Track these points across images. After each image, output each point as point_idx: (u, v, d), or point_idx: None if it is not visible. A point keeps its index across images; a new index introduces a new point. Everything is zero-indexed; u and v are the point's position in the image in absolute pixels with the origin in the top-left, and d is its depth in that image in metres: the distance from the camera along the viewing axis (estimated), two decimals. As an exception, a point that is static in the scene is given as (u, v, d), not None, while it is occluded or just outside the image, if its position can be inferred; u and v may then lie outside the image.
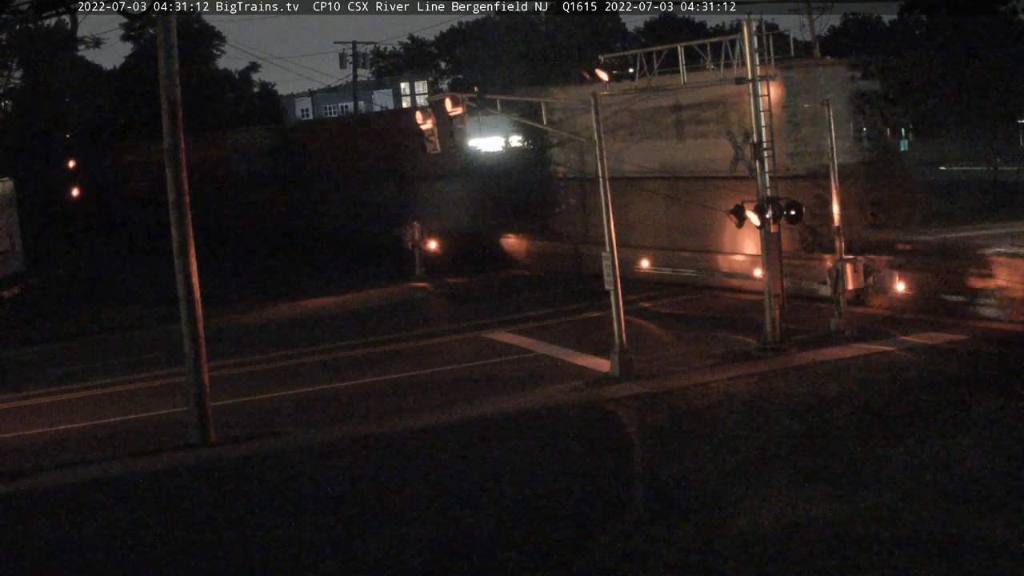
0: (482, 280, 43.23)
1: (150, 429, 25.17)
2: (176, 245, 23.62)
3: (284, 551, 17.23)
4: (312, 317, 38.58)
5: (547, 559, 16.14)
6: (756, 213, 26.82)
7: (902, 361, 25.46)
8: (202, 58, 79.56)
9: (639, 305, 34.25)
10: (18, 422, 26.79)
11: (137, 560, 17.42)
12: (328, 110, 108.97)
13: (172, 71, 23.41)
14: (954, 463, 18.46)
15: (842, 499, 17.19)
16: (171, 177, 23.54)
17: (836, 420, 21.33)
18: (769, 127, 27.62)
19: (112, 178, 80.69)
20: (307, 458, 21.85)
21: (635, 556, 15.84)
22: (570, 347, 29.78)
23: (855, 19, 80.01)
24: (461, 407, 24.63)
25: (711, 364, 26.64)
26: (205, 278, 24.70)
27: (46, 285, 48.44)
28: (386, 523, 17.96)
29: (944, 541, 15.49)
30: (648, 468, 19.74)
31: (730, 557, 15.55)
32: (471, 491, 19.18)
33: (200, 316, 23.84)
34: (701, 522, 16.84)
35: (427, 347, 31.84)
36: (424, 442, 22.25)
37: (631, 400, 24.07)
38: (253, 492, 20.28)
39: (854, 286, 28.50)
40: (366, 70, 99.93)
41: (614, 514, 17.57)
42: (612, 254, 26.14)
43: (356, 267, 48.65)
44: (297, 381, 28.85)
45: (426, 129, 29.23)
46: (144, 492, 20.63)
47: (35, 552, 18.08)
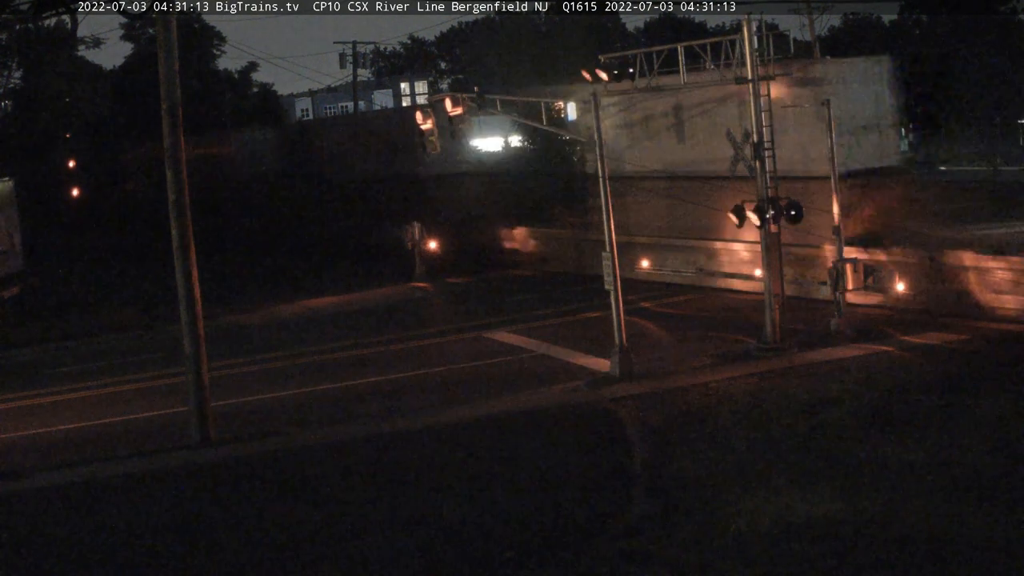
0: (483, 280, 43.21)
1: (150, 429, 25.17)
2: (176, 245, 23.63)
3: (284, 550, 17.23)
4: (312, 317, 38.58)
5: (547, 559, 16.15)
6: (756, 213, 26.84)
7: (902, 361, 25.46)
8: (202, 58, 79.50)
9: (639, 305, 34.25)
10: (18, 422, 26.79)
11: (137, 560, 17.42)
12: (328, 110, 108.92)
13: (172, 71, 23.41)
14: (954, 463, 18.46)
15: (842, 499, 17.20)
16: (171, 177, 23.55)
17: (836, 420, 21.33)
18: (770, 127, 27.63)
19: (112, 178, 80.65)
20: (307, 458, 21.84)
21: (635, 556, 15.85)
22: (570, 347, 29.77)
23: (855, 19, 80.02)
24: (461, 407, 24.63)
25: (711, 364, 26.64)
26: (205, 278, 24.71)
27: (46, 285, 48.41)
28: (386, 522, 17.97)
29: (944, 541, 15.49)
30: (648, 468, 19.74)
31: (729, 557, 15.55)
32: (471, 491, 19.18)
33: (200, 316, 23.85)
34: (701, 522, 16.84)
35: (427, 347, 31.84)
36: (424, 442, 22.25)
37: (631, 400, 24.07)
38: (253, 492, 20.29)
39: (854, 286, 28.49)
40: (366, 70, 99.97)
41: (614, 514, 17.58)
42: (612, 254, 26.14)
43: (356, 267, 48.64)
44: (297, 381, 28.85)
45: (426, 129, 29.27)
46: (144, 492, 20.63)
47: (35, 552, 18.08)
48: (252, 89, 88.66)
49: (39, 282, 46.75)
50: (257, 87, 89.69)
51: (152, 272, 46.66)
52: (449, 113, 28.47)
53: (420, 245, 44.90)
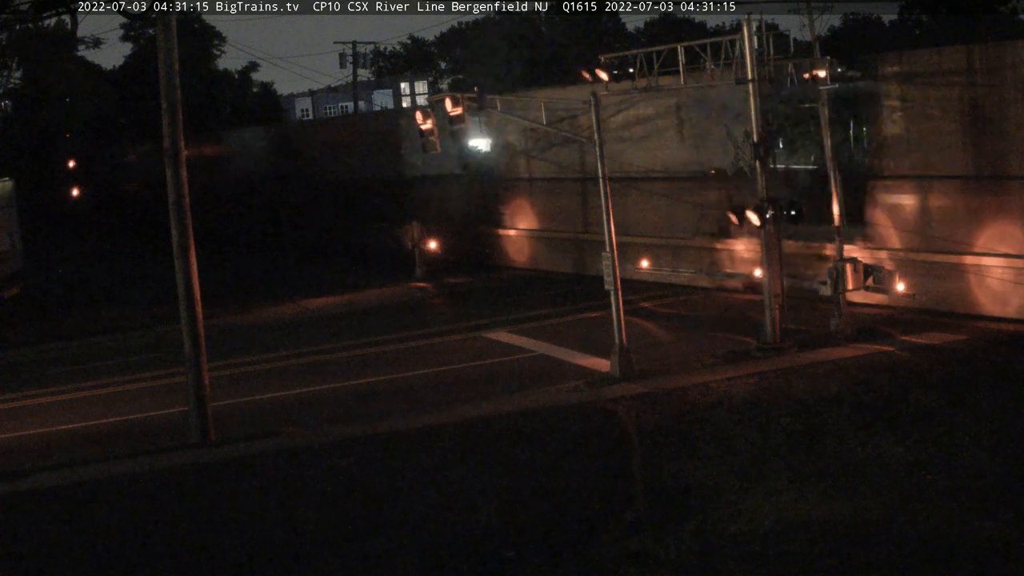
0: (483, 280, 43.20)
1: (150, 429, 25.18)
2: (176, 245, 23.63)
3: (285, 551, 17.23)
4: (312, 317, 38.58)
5: (547, 559, 16.15)
6: (756, 213, 26.83)
7: (902, 361, 25.46)
8: (202, 58, 79.52)
9: (639, 305, 34.26)
10: (18, 422, 26.80)
11: (137, 560, 17.41)
12: (328, 110, 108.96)
13: (172, 71, 23.41)
14: (954, 463, 18.47)
15: (842, 499, 17.20)
16: (171, 177, 23.55)
17: (836, 420, 21.33)
18: (771, 127, 27.61)
19: (112, 178, 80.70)
20: (307, 458, 21.84)
21: (635, 556, 15.84)
22: (570, 347, 29.77)
23: (855, 19, 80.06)
24: (461, 407, 24.62)
25: (711, 364, 26.63)
26: (205, 278, 24.70)
27: (46, 285, 48.45)
28: (386, 522, 17.96)
29: (944, 541, 15.50)
30: (648, 468, 19.74)
31: (730, 557, 15.55)
32: (471, 491, 19.18)
33: (200, 316, 23.86)
34: (701, 522, 16.84)
35: (427, 347, 31.84)
36: (424, 442, 22.24)
37: (631, 400, 24.07)
38: (253, 492, 20.28)
39: (854, 286, 28.47)
40: (366, 70, 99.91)
41: (614, 514, 17.57)
42: (612, 254, 26.15)
43: (356, 267, 48.65)
44: (297, 381, 28.85)
45: (426, 129, 29.26)
46: (144, 492, 20.62)
47: (35, 552, 18.08)
48: (252, 89, 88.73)
49: (39, 282, 46.81)
50: (257, 87, 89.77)
51: (152, 272, 46.64)
52: (449, 113, 28.46)
53: (420, 245, 44.91)
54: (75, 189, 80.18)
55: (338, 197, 55.28)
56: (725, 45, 28.31)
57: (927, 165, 30.09)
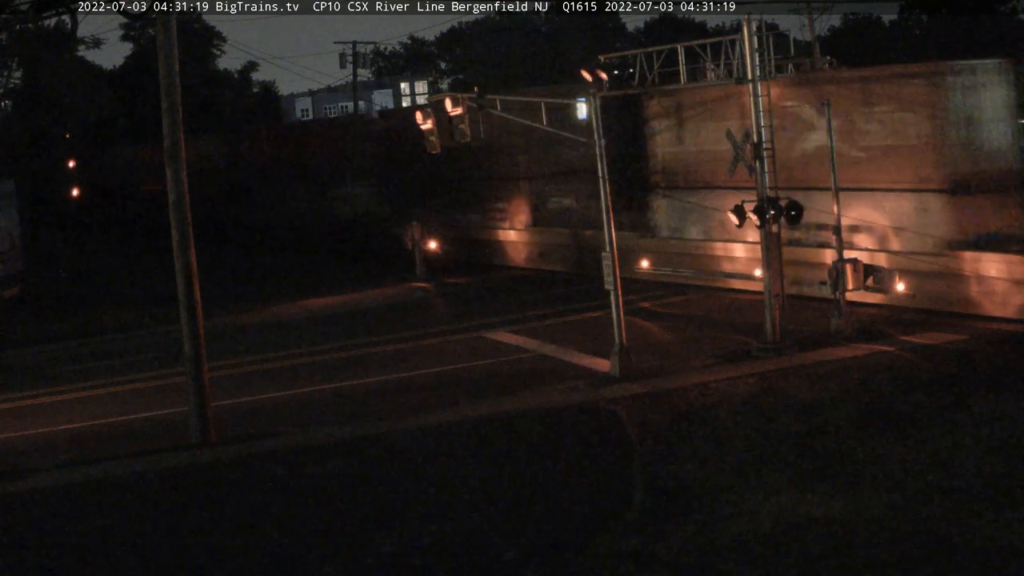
0: (483, 280, 43.20)
1: (150, 429, 25.17)
2: (176, 245, 23.62)
3: (285, 551, 17.23)
4: (312, 317, 38.57)
5: (547, 559, 16.15)
6: (756, 213, 26.83)
7: (902, 361, 25.46)
8: (202, 58, 79.58)
9: (639, 305, 34.25)
10: (18, 422, 26.79)
11: (137, 560, 17.42)
12: (328, 110, 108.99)
13: (172, 71, 23.40)
14: (954, 463, 18.46)
15: (842, 499, 17.20)
16: (171, 177, 23.54)
17: (836, 420, 21.32)
18: (769, 127, 27.62)
19: (112, 178, 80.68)
20: (307, 458, 21.84)
21: (635, 556, 15.85)
22: (570, 347, 29.77)
23: (855, 19, 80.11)
24: (461, 407, 24.62)
25: (711, 364, 26.63)
26: (205, 278, 24.70)
27: (46, 285, 48.42)
28: (386, 522, 17.96)
29: (944, 541, 15.49)
30: (648, 468, 19.73)
31: (730, 557, 15.55)
32: (471, 491, 19.18)
33: (200, 316, 23.84)
34: (701, 522, 16.84)
35: (427, 347, 31.82)
36: (424, 442, 22.24)
37: (631, 400, 24.07)
38: (254, 492, 20.29)
39: (854, 286, 28.47)
40: (366, 70, 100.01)
41: (614, 514, 17.57)
42: (612, 254, 26.15)
43: (356, 267, 48.64)
44: (297, 381, 28.84)
45: (426, 129, 29.24)
46: (144, 492, 20.63)
47: (35, 552, 18.08)
48: (252, 89, 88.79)
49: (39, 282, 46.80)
50: (257, 87, 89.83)
51: (152, 272, 46.62)
52: (449, 113, 28.45)
53: (420, 245, 44.90)
54: (75, 189, 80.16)
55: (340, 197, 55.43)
56: (725, 45, 28.33)
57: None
